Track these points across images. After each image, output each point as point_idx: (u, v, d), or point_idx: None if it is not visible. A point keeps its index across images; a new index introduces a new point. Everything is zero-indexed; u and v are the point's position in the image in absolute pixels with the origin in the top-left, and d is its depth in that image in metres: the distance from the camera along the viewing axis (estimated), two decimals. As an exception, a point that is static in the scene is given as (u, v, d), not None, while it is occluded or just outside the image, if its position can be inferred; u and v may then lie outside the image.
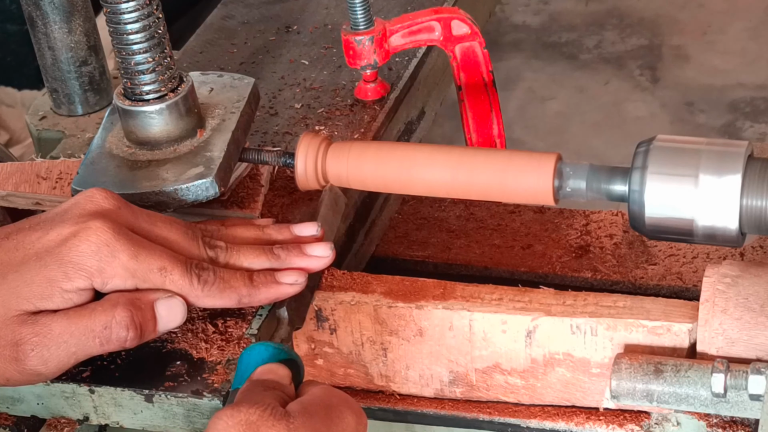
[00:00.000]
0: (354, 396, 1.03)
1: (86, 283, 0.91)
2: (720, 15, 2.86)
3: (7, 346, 0.90)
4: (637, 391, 0.92)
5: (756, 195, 0.94)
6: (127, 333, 0.91)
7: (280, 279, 0.96)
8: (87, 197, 0.94)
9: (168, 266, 0.92)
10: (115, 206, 0.94)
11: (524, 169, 1.02)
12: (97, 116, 1.28)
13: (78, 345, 0.90)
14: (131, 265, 0.91)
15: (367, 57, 1.18)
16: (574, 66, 2.78)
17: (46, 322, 0.90)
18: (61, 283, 0.90)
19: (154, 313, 0.92)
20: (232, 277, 0.94)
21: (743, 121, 2.57)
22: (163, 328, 0.93)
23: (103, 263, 0.91)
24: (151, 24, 1.01)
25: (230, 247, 0.96)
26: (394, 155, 1.06)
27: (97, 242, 0.91)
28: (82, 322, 0.90)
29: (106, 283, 0.91)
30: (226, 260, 0.96)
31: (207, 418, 0.94)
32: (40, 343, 0.90)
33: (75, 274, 0.90)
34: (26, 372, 0.90)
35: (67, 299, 0.91)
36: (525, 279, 1.11)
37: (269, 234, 0.99)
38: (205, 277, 0.93)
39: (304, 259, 0.97)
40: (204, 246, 0.96)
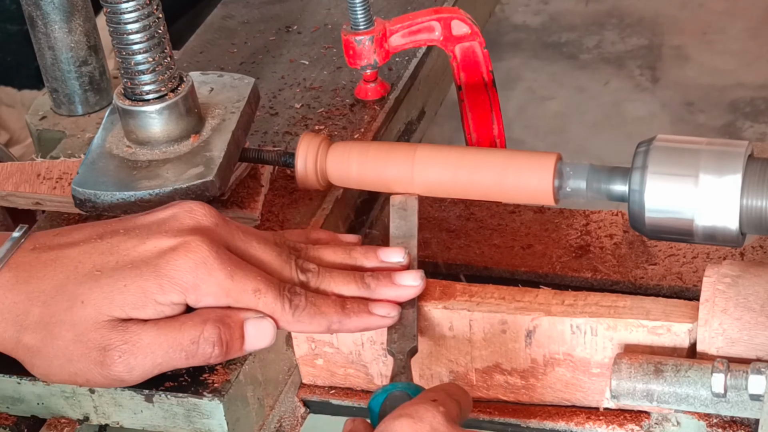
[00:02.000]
0: (354, 396, 1.03)
1: (180, 298, 0.91)
2: (720, 15, 2.86)
3: (95, 350, 0.91)
4: (637, 391, 0.92)
5: (756, 195, 0.94)
6: (213, 350, 0.91)
7: (373, 310, 0.95)
8: (186, 211, 0.94)
9: (262, 288, 0.92)
10: (213, 223, 0.94)
11: (524, 169, 1.02)
12: (97, 116, 1.28)
13: (164, 356, 0.91)
14: (226, 285, 0.91)
15: (367, 57, 1.18)
16: (574, 66, 2.78)
17: (136, 331, 0.90)
18: (155, 295, 0.91)
19: (243, 332, 0.92)
20: (324, 303, 0.94)
21: (743, 121, 2.57)
22: (249, 348, 0.93)
23: (199, 281, 0.91)
24: (151, 24, 1.01)
25: (321, 272, 0.96)
26: (394, 155, 1.06)
27: (195, 259, 0.91)
28: (171, 335, 0.91)
29: (200, 300, 0.91)
30: (317, 285, 0.95)
31: (207, 418, 0.95)
32: (128, 350, 0.90)
33: (170, 288, 0.91)
34: (109, 377, 0.91)
35: (159, 311, 0.91)
36: (525, 279, 1.11)
37: (356, 258, 0.99)
38: (297, 302, 0.93)
39: (394, 288, 0.96)
40: (296, 269, 0.95)
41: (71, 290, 0.92)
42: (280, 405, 1.02)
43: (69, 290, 0.92)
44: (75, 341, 0.91)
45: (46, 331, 0.91)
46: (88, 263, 0.93)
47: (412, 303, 0.97)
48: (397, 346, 0.95)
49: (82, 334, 0.91)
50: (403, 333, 0.95)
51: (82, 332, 0.91)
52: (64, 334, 0.91)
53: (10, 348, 0.93)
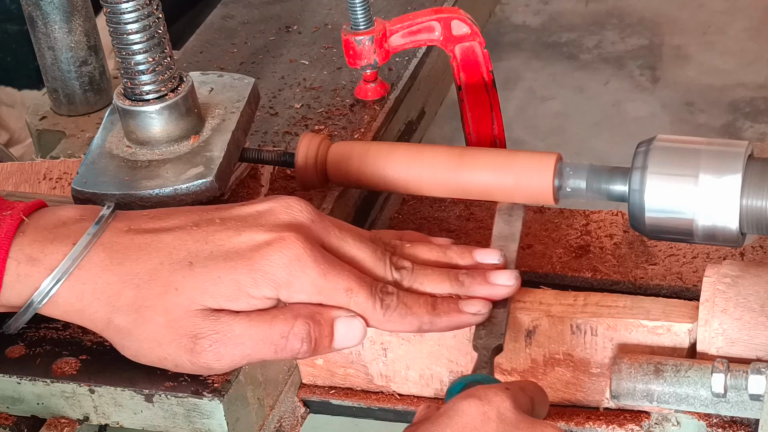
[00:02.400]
0: (354, 396, 1.03)
1: (273, 293, 0.91)
2: (720, 15, 2.86)
3: (186, 336, 0.91)
4: (637, 391, 0.92)
5: (756, 195, 0.94)
6: (301, 345, 0.91)
7: (464, 308, 0.95)
8: (283, 206, 0.94)
9: (355, 288, 0.92)
10: (309, 220, 0.94)
11: (524, 169, 1.02)
12: (97, 116, 1.28)
13: (253, 348, 0.91)
14: (319, 283, 0.91)
15: (367, 57, 1.18)
16: (574, 66, 2.78)
17: (228, 321, 0.91)
18: (249, 289, 0.91)
19: (332, 329, 0.92)
20: (415, 303, 0.94)
21: (743, 121, 2.57)
22: (338, 346, 0.93)
23: (293, 277, 0.91)
24: (151, 24, 1.01)
25: (415, 270, 0.96)
26: (394, 155, 1.06)
27: (290, 256, 0.91)
28: (261, 328, 0.91)
29: (292, 296, 0.92)
30: (410, 284, 0.95)
31: (207, 418, 0.95)
32: (219, 340, 0.91)
33: (264, 283, 0.91)
34: (198, 364, 0.92)
35: (252, 304, 0.91)
36: (525, 279, 1.11)
37: (450, 257, 0.98)
38: (388, 302, 0.93)
39: (488, 287, 0.96)
40: (390, 267, 0.95)
41: (165, 276, 0.92)
42: (280, 405, 1.02)
43: (163, 276, 0.92)
44: (167, 326, 0.91)
45: (137, 314, 0.92)
46: (182, 250, 0.93)
47: (505, 303, 0.96)
48: (483, 342, 0.94)
49: (175, 320, 0.91)
50: (490, 330, 0.94)
51: (175, 318, 0.91)
52: (157, 319, 0.91)
53: (101, 328, 0.93)
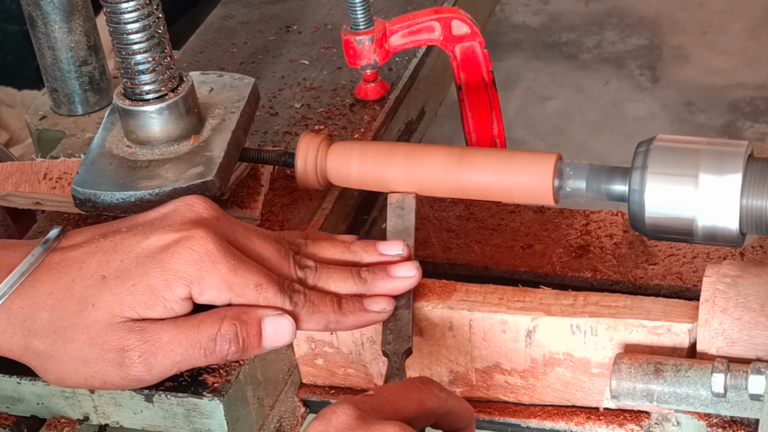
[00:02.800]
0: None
1: (185, 292, 0.91)
2: (720, 15, 2.85)
3: (112, 351, 0.90)
4: (637, 391, 0.92)
5: (756, 195, 0.94)
6: (230, 346, 0.91)
7: (368, 306, 0.95)
8: (187, 205, 0.94)
9: (264, 283, 0.92)
10: (214, 217, 0.94)
11: (524, 169, 1.02)
12: (97, 116, 1.28)
13: (183, 355, 0.91)
14: (229, 278, 0.91)
15: (367, 57, 1.18)
16: (574, 66, 2.77)
17: (155, 330, 0.90)
18: (163, 292, 0.90)
19: (260, 329, 0.92)
20: (321, 302, 0.94)
21: (743, 121, 2.57)
22: (268, 345, 0.93)
23: (203, 273, 0.91)
24: (151, 24, 1.01)
25: (319, 268, 0.96)
26: (394, 155, 1.06)
27: (199, 251, 0.91)
28: (190, 333, 0.91)
29: (203, 293, 0.91)
30: (315, 282, 0.96)
31: (207, 418, 0.95)
32: (147, 350, 0.90)
33: (175, 282, 0.90)
34: (128, 378, 0.91)
35: (169, 308, 0.91)
36: (525, 279, 1.11)
37: (355, 252, 0.99)
38: (296, 299, 0.93)
39: (390, 281, 0.96)
40: (294, 265, 0.95)
41: (79, 292, 0.91)
42: (280, 405, 1.02)
43: (77, 292, 0.91)
44: (90, 344, 0.91)
45: (57, 336, 0.91)
46: (92, 263, 0.92)
47: (408, 303, 0.97)
48: (391, 347, 0.95)
49: (97, 336, 0.90)
50: (398, 334, 0.95)
51: (97, 335, 0.90)
52: (78, 338, 0.91)
53: (19, 354, 0.93)
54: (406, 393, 0.86)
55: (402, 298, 0.97)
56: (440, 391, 0.87)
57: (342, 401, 0.83)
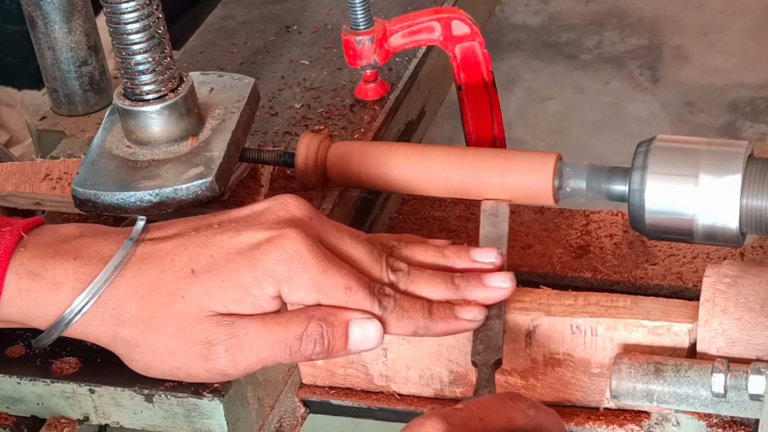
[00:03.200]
0: (354, 396, 1.03)
1: (275, 291, 0.91)
2: (720, 15, 2.86)
3: (199, 344, 0.91)
4: (637, 391, 0.92)
5: (756, 195, 0.94)
6: (314, 347, 0.91)
7: (459, 314, 0.94)
8: (281, 204, 0.94)
9: (353, 286, 0.92)
10: (307, 217, 0.94)
11: (524, 169, 1.02)
12: (97, 116, 1.28)
13: (269, 351, 0.91)
14: (319, 279, 0.91)
15: (367, 57, 1.18)
16: (574, 66, 2.77)
17: (243, 325, 0.90)
18: (252, 290, 0.90)
19: (347, 332, 0.92)
20: (411, 307, 0.94)
21: (743, 121, 2.57)
22: (354, 348, 0.92)
23: (293, 273, 0.90)
24: (151, 24, 1.01)
25: (411, 272, 0.95)
26: (394, 155, 1.06)
27: (290, 251, 0.91)
28: (277, 330, 0.91)
29: (292, 293, 0.91)
30: (406, 286, 0.95)
31: (207, 418, 0.95)
32: (234, 345, 0.90)
33: (265, 281, 0.90)
34: (213, 371, 0.91)
35: (258, 305, 0.91)
36: (525, 279, 1.11)
37: (448, 256, 0.98)
38: (386, 303, 0.93)
39: (483, 290, 0.95)
40: (387, 268, 0.95)
41: (169, 284, 0.91)
42: (280, 405, 1.02)
43: (167, 284, 0.92)
44: (177, 336, 0.91)
45: (145, 326, 0.91)
46: (183, 256, 0.92)
47: (499, 313, 0.95)
48: (481, 357, 0.93)
49: (185, 328, 0.91)
50: (488, 344, 0.94)
51: (185, 327, 0.91)
52: (166, 329, 0.91)
53: (107, 342, 0.93)
54: (495, 409, 0.84)
55: (493, 307, 0.96)
56: (529, 408, 0.85)
57: (431, 414, 0.82)
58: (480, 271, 0.97)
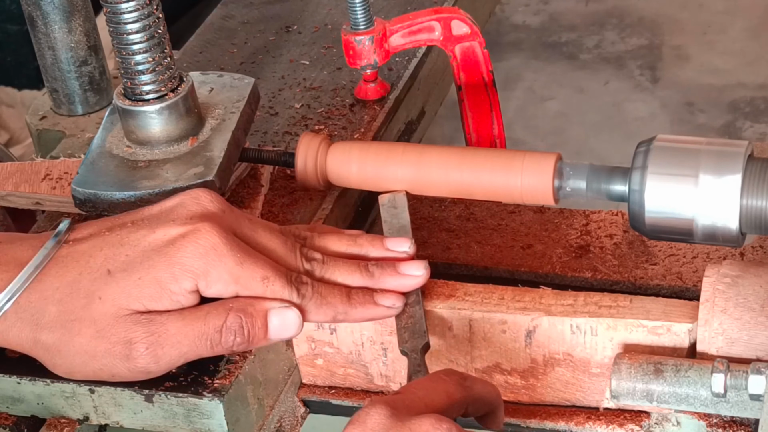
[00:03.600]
0: (354, 396, 1.03)
1: (192, 285, 0.91)
2: (720, 15, 2.86)
3: (119, 344, 0.91)
4: (637, 391, 0.92)
5: (756, 195, 0.94)
6: (235, 338, 0.91)
7: (378, 300, 0.95)
8: (193, 198, 0.94)
9: (271, 276, 0.92)
10: (220, 209, 0.94)
11: (524, 169, 1.02)
12: (97, 116, 1.28)
13: (190, 346, 0.91)
14: (236, 271, 0.91)
15: (367, 57, 1.18)
16: (574, 66, 2.78)
17: (162, 322, 0.91)
18: (169, 285, 0.91)
19: (266, 321, 0.92)
20: (330, 293, 0.94)
21: (743, 121, 2.57)
22: (274, 337, 0.93)
23: (210, 266, 0.91)
24: (151, 24, 1.01)
25: (326, 261, 0.96)
26: (394, 155, 1.06)
27: (206, 245, 0.91)
28: (196, 324, 0.91)
29: (210, 286, 0.91)
30: (322, 274, 0.96)
31: (207, 418, 0.95)
32: (155, 342, 0.91)
33: (182, 276, 0.91)
34: (136, 370, 0.92)
35: (175, 301, 0.91)
36: (525, 279, 1.11)
37: (361, 245, 0.98)
38: (304, 291, 0.93)
39: (398, 278, 0.96)
40: (301, 257, 0.95)
41: (86, 286, 0.92)
42: (280, 405, 1.02)
43: (84, 286, 0.92)
44: (97, 337, 0.91)
45: (64, 329, 0.91)
46: (99, 257, 0.93)
47: (418, 300, 0.97)
48: (409, 344, 0.95)
49: (104, 329, 0.91)
50: (413, 331, 0.95)
51: (104, 328, 0.91)
52: (85, 331, 0.91)
53: (28, 348, 0.93)
54: (433, 387, 0.86)
55: (411, 295, 0.97)
56: (464, 380, 0.87)
57: (373, 402, 0.83)
58: (394, 260, 0.98)
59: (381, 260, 0.98)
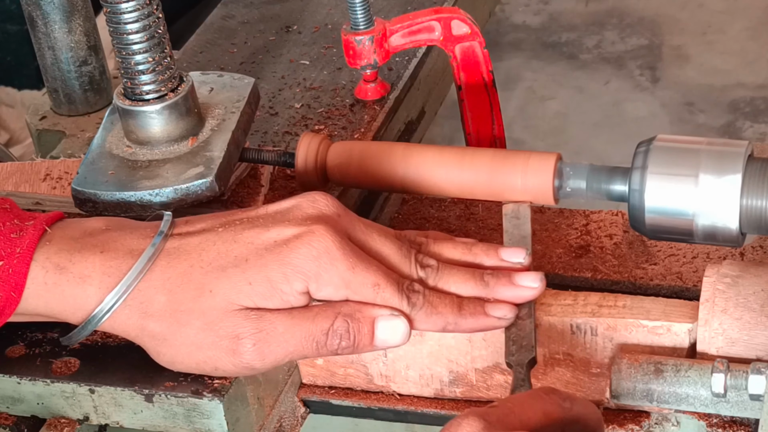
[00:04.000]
0: (354, 396, 1.03)
1: (303, 287, 0.91)
2: (720, 15, 2.86)
3: (227, 338, 0.91)
4: (637, 391, 0.92)
5: (756, 195, 0.94)
6: (340, 342, 0.91)
7: (489, 311, 0.94)
8: (309, 201, 0.94)
9: (382, 283, 0.92)
10: (335, 213, 0.94)
11: (524, 169, 1.02)
12: (97, 116, 1.28)
13: (296, 345, 0.91)
14: (347, 276, 0.91)
15: (367, 57, 1.18)
16: (574, 66, 2.78)
17: (270, 320, 0.91)
18: (280, 285, 0.91)
19: (373, 328, 0.92)
20: (441, 303, 0.93)
21: (743, 121, 2.57)
22: (381, 344, 0.93)
23: (322, 269, 0.91)
24: (151, 24, 1.01)
25: (441, 269, 0.95)
26: (394, 155, 1.06)
27: (319, 248, 0.91)
28: (304, 325, 0.91)
29: (320, 289, 0.91)
30: (435, 282, 0.95)
31: (207, 418, 0.95)
32: (262, 339, 0.91)
33: (294, 277, 0.91)
34: (240, 365, 0.91)
35: (285, 301, 0.91)
36: (525, 279, 1.11)
37: (476, 253, 0.97)
38: (415, 300, 0.93)
39: (512, 288, 0.95)
40: (416, 264, 0.95)
41: (197, 279, 0.92)
42: (280, 405, 1.02)
43: (195, 278, 0.92)
44: (205, 329, 0.91)
45: (173, 319, 0.92)
46: (212, 251, 0.93)
47: (530, 312, 0.95)
48: (515, 358, 0.93)
49: (213, 322, 0.91)
50: (520, 344, 0.94)
51: (213, 321, 0.91)
52: (193, 322, 0.91)
53: (134, 335, 0.93)
54: (530, 404, 0.84)
55: (524, 307, 0.95)
56: (564, 400, 0.85)
57: (467, 413, 0.81)
58: (507, 269, 0.97)
59: (495, 269, 0.96)
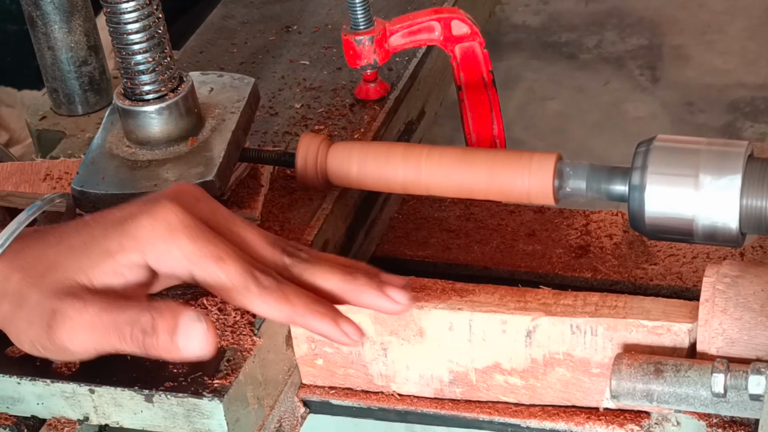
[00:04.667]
0: (354, 396, 1.03)
1: (139, 258, 0.89)
2: (720, 15, 2.85)
3: (47, 313, 0.89)
4: (637, 391, 0.92)
5: (756, 195, 0.94)
6: (143, 338, 0.88)
7: (341, 325, 0.90)
8: (172, 187, 0.94)
9: (225, 258, 0.89)
10: (193, 197, 0.92)
11: (524, 169, 1.02)
12: (97, 116, 1.29)
13: (102, 332, 0.88)
14: (187, 247, 0.89)
15: (367, 57, 1.18)
16: (574, 66, 2.77)
17: (88, 299, 0.88)
18: (116, 255, 0.89)
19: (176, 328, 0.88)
20: (294, 294, 0.90)
21: (743, 121, 2.57)
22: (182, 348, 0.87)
23: (159, 239, 0.89)
24: (151, 24, 1.01)
25: (311, 260, 0.93)
26: (394, 155, 1.06)
27: (159, 218, 0.89)
28: (113, 311, 0.88)
29: (160, 261, 0.89)
30: (301, 272, 0.92)
31: (207, 418, 0.95)
32: (72, 317, 0.88)
33: (129, 246, 0.89)
34: (55, 343, 0.89)
35: (119, 273, 0.89)
36: (525, 279, 1.11)
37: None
38: (264, 282, 0.89)
39: (378, 297, 0.92)
40: (281, 252, 0.92)
41: (50, 257, 0.91)
42: (280, 405, 1.02)
43: (48, 257, 0.91)
44: (37, 304, 0.90)
45: (19, 297, 0.90)
46: (73, 233, 0.92)
47: None
48: None
49: (44, 296, 0.89)
50: None
51: (45, 295, 0.89)
52: (31, 297, 0.90)
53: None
54: None
55: None
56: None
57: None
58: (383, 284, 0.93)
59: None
